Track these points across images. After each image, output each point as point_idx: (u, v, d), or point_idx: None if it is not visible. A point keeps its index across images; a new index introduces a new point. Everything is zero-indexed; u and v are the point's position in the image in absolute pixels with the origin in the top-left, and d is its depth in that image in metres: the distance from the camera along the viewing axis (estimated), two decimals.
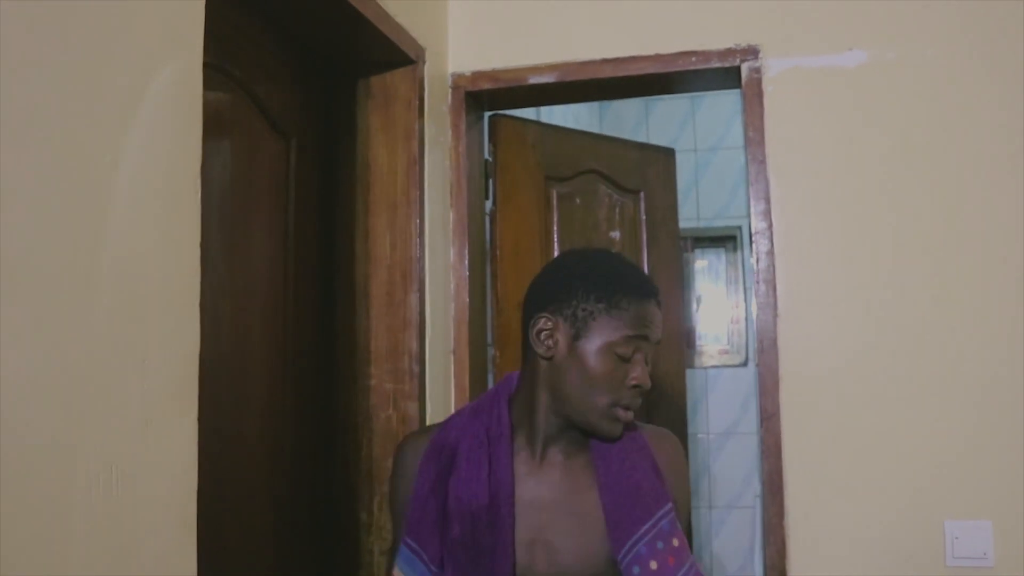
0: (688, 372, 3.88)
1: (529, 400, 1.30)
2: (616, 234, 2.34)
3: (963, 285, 1.77)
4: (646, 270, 2.36)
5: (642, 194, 2.41)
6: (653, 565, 1.24)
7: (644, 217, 2.40)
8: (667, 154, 2.53)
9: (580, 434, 1.30)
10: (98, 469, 0.82)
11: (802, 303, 1.84)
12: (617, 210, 2.36)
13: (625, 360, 1.24)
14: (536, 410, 1.29)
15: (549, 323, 1.26)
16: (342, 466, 1.81)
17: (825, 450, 1.80)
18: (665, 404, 2.38)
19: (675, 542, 1.27)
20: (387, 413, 1.80)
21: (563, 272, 1.31)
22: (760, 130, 1.89)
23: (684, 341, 2.43)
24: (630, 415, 1.26)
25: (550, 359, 1.27)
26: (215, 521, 1.27)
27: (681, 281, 2.47)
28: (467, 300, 1.99)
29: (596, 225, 2.32)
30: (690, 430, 3.83)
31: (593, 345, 1.25)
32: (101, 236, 0.86)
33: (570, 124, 3.13)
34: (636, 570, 1.23)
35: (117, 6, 0.90)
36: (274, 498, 1.62)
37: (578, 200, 2.30)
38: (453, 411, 1.96)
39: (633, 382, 1.24)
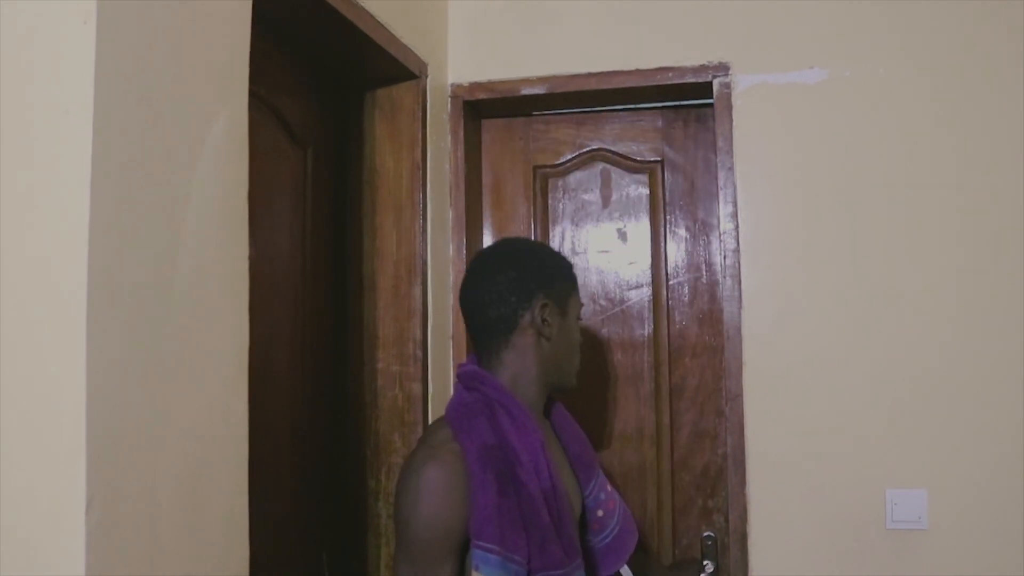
0: None
1: (524, 378, 1.48)
2: (624, 212, 2.32)
3: (904, 282, 1.98)
4: (664, 248, 2.29)
5: (663, 163, 2.30)
6: (608, 488, 1.60)
7: (664, 189, 2.29)
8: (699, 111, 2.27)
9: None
10: (181, 440, 1.04)
11: (764, 297, 2.05)
12: (629, 187, 2.31)
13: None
14: (529, 385, 1.48)
15: (547, 306, 1.48)
16: (353, 439, 2.02)
17: (782, 427, 2.02)
18: None
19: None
20: (393, 393, 2.01)
21: (536, 260, 1.52)
22: (729, 140, 2.09)
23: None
24: None
25: (549, 338, 1.48)
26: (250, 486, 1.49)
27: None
28: None
29: (599, 205, 2.32)
30: None
31: (572, 319, 1.53)
32: (177, 257, 1.07)
33: None
34: (602, 496, 1.57)
35: (185, 72, 1.10)
36: (295, 466, 1.83)
37: (573, 183, 2.33)
38: (452, 391, 2.18)
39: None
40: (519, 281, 1.48)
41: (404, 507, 1.33)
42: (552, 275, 1.51)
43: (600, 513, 1.55)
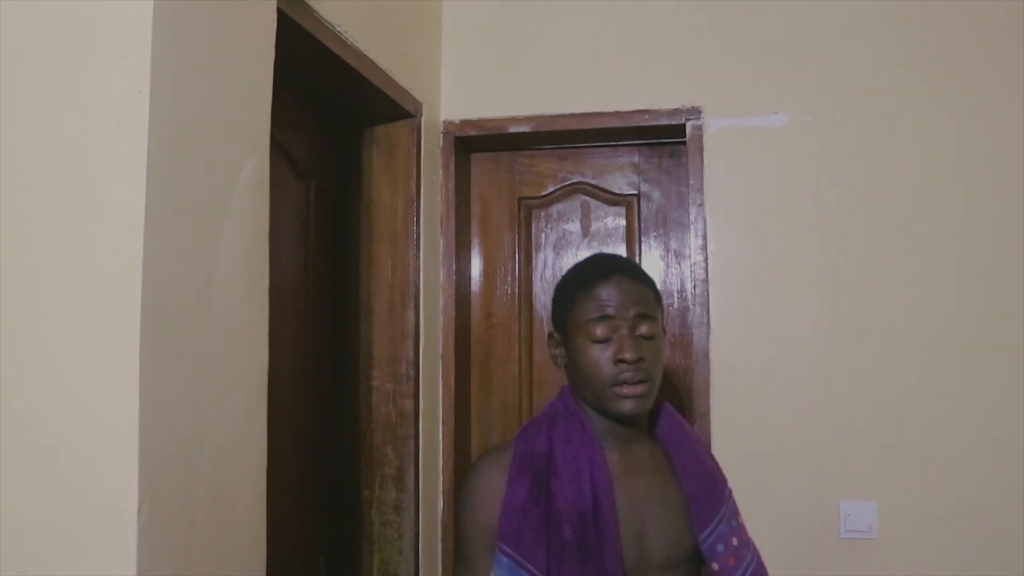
0: None
1: (581, 403, 1.44)
2: (602, 242, 2.48)
3: (860, 311, 2.16)
4: (637, 260, 2.41)
5: (639, 197, 2.46)
6: (734, 541, 1.43)
7: (639, 220, 2.46)
8: (673, 147, 2.44)
9: (630, 426, 1.43)
10: (213, 451, 1.20)
11: (730, 323, 2.23)
12: (607, 218, 2.48)
13: (604, 341, 1.36)
14: (586, 411, 1.42)
15: (553, 339, 1.46)
16: (350, 452, 2.17)
17: (746, 443, 2.19)
18: None
19: (740, 519, 1.48)
20: (387, 408, 2.16)
21: (556, 292, 1.50)
22: (700, 177, 2.27)
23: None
24: (637, 388, 1.36)
25: (566, 367, 1.44)
26: None
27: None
28: (454, 314, 2.35)
29: (579, 235, 2.48)
30: None
31: (575, 342, 1.39)
32: (211, 291, 1.22)
33: None
34: (720, 548, 1.41)
35: (219, 129, 1.26)
36: (298, 476, 1.97)
37: (555, 214, 2.50)
38: (440, 407, 2.34)
39: (616, 358, 1.35)
40: (549, 314, 1.55)
41: (456, 505, 1.42)
42: (559, 306, 1.46)
43: (715, 566, 1.41)
